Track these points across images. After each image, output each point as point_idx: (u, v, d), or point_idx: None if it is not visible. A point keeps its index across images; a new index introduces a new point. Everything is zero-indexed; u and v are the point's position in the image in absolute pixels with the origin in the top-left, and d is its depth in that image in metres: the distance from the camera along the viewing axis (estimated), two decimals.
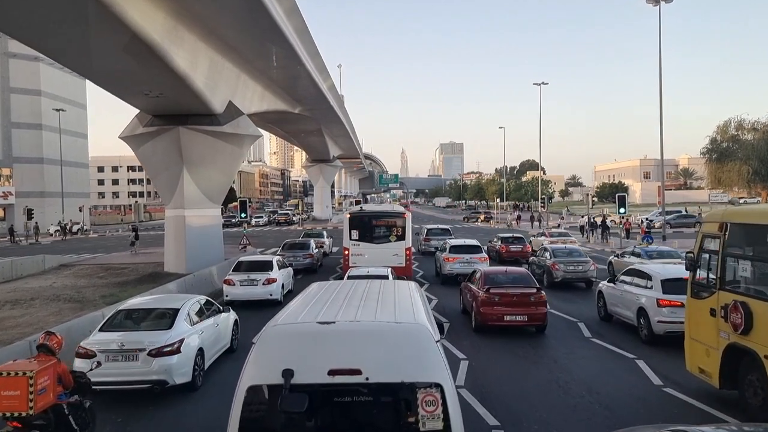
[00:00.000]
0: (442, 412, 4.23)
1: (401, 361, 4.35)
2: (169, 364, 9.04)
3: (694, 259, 9.06)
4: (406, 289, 6.34)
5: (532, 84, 61.46)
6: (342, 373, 4.26)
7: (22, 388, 5.85)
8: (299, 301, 5.79)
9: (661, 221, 52.73)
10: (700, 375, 8.95)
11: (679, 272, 12.18)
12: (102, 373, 8.18)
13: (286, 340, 4.58)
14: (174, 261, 25.13)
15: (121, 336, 9.30)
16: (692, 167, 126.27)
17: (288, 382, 4.17)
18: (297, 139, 72.31)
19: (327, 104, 46.50)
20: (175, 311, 9.94)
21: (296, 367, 4.25)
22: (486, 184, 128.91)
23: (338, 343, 4.45)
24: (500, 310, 13.34)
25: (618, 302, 13.93)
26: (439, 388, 4.27)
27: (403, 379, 4.28)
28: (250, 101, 29.63)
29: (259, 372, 4.37)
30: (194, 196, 24.81)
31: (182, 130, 23.80)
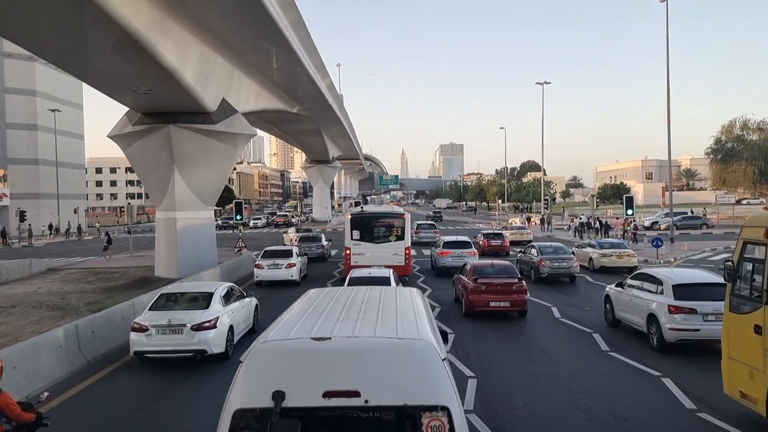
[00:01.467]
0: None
1: (404, 381, 3.90)
2: (208, 337, 11.06)
3: (734, 269, 8.10)
4: (409, 297, 5.89)
5: (534, 83, 60.42)
6: (339, 395, 3.84)
7: None
8: (293, 312, 5.32)
9: (668, 223, 51.87)
10: (742, 400, 7.96)
11: (692, 277, 12.61)
12: (154, 344, 10.84)
13: (277, 358, 4.07)
14: (165, 266, 24.08)
15: (168, 314, 11.28)
16: (695, 168, 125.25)
17: (279, 406, 3.76)
18: (296, 139, 71.30)
19: (325, 103, 45.45)
20: (210, 294, 11.98)
21: (288, 389, 3.82)
22: (487, 185, 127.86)
23: (334, 362, 3.98)
24: (486, 297, 15.13)
25: (627, 308, 13.57)
26: (446, 411, 3.86)
27: (407, 402, 3.85)
28: (245, 99, 28.59)
29: (247, 394, 3.92)
30: (186, 197, 23.77)
31: (173, 129, 22.77)
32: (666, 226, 50.96)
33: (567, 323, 15.00)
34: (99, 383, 10.53)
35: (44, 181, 68.94)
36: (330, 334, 4.29)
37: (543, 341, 13.17)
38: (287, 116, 47.72)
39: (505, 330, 14.28)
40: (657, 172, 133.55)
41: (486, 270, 16.11)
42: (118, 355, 12.07)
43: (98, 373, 10.97)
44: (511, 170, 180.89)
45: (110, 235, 35.36)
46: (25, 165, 67.65)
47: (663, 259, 28.11)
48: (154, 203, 25.15)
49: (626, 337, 13.38)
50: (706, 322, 11.37)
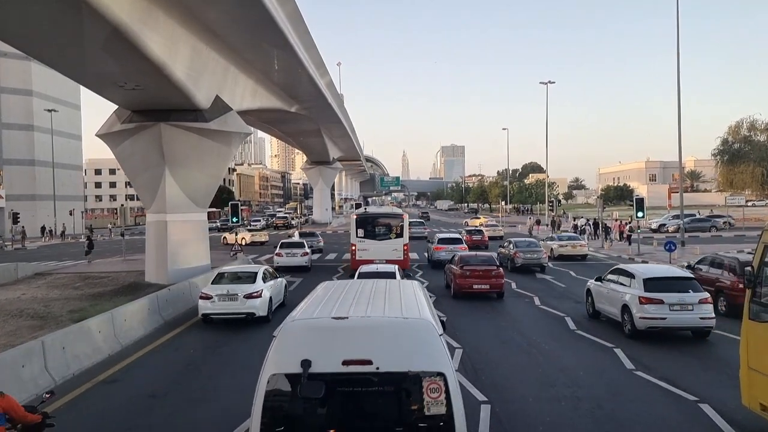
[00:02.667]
0: (445, 398, 4.62)
1: (408, 352, 4.72)
2: (255, 304, 14.98)
3: (754, 274, 7.73)
4: (411, 288, 6.76)
5: (539, 83, 59.38)
6: (355, 363, 4.62)
7: None
8: (313, 298, 6.22)
9: (676, 225, 50.63)
10: (762, 413, 7.55)
11: (661, 272, 14.25)
12: (216, 308, 14.94)
13: (304, 333, 4.95)
14: (155, 271, 22.96)
15: (226, 286, 15.24)
16: (699, 169, 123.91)
17: (306, 371, 4.52)
18: (295, 140, 70.20)
19: (325, 102, 44.36)
20: (255, 273, 16.03)
21: (313, 358, 4.60)
22: (489, 186, 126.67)
23: (351, 337, 4.83)
24: (471, 281, 18.48)
25: (604, 300, 14.94)
26: (442, 376, 4.65)
27: (410, 369, 4.65)
28: (241, 97, 27.48)
29: (280, 362, 4.71)
30: (177, 199, 22.65)
31: (164, 127, 21.67)
32: (674, 229, 49.78)
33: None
34: None
35: (41, 183, 67.91)
36: (347, 314, 5.16)
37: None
38: (286, 116, 46.66)
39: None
40: (661, 173, 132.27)
41: (471, 260, 19.68)
42: (86, 377, 10.94)
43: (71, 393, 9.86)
44: (513, 171, 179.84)
45: (92, 239, 34.08)
46: (22, 166, 66.63)
47: (676, 264, 26.96)
48: (144, 205, 24.01)
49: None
50: (672, 312, 12.70)
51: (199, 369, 11.61)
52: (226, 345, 13.45)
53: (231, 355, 12.55)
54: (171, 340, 14.19)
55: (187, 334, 14.79)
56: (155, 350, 13.17)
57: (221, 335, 14.37)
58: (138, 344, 13.41)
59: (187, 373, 11.40)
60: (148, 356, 12.67)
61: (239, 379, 10.37)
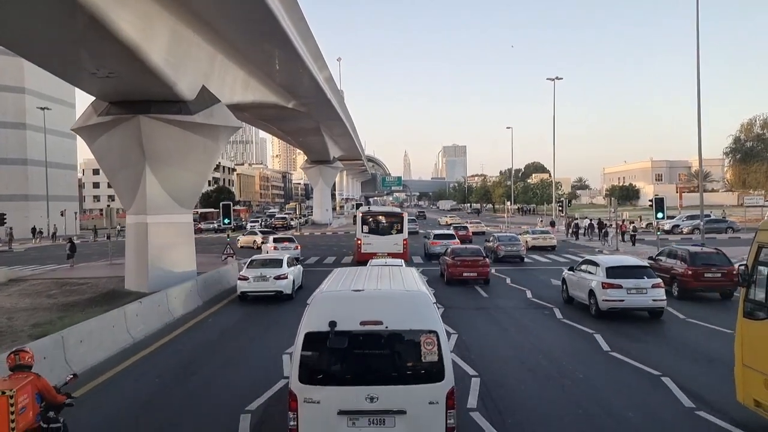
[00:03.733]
0: (437, 350, 6.13)
1: (409, 315, 6.31)
2: (283, 284, 18.53)
3: (749, 273, 7.95)
4: (409, 271, 8.59)
5: (546, 79, 57.27)
6: (369, 323, 6.15)
7: (2, 410, 5.38)
8: (333, 278, 7.95)
9: (690, 226, 48.55)
10: (757, 409, 7.72)
11: (621, 261, 16.50)
12: (252, 287, 18.57)
13: (331, 301, 6.67)
14: (135, 278, 20.99)
15: (259, 270, 18.75)
16: (707, 168, 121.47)
17: (333, 329, 6.06)
18: (295, 139, 68.20)
19: (324, 98, 42.34)
20: (281, 260, 19.70)
21: (338, 319, 6.11)
22: (492, 186, 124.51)
23: (366, 304, 6.46)
24: (461, 269, 21.30)
25: (576, 287, 17.02)
26: (434, 333, 6.18)
27: (411, 327, 6.23)
28: (231, 89, 25.52)
29: (313, 322, 6.23)
30: (159, 199, 20.68)
31: (143, 120, 19.71)
32: (689, 230, 47.71)
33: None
34: None
35: (33, 182, 66.04)
36: (363, 287, 6.95)
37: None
38: (284, 113, 44.69)
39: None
40: (667, 173, 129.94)
41: (461, 252, 22.67)
42: None
43: None
44: (515, 171, 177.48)
45: (73, 242, 32.10)
46: (13, 165, 64.78)
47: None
48: (123, 206, 22.04)
49: None
50: (629, 295, 14.79)
51: None
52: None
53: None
54: (132, 366, 11.77)
55: (157, 355, 12.83)
56: (112, 381, 10.92)
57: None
58: (95, 371, 11.35)
59: None
60: (99, 394, 10.17)
61: None
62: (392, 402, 6.03)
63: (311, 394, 6.05)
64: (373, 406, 6.00)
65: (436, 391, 6.08)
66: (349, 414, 6.02)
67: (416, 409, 6.04)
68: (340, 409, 6.02)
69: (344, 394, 6.06)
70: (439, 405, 6.05)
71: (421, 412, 6.04)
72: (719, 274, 17.75)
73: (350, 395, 6.03)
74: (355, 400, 6.01)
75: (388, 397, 6.03)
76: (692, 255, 18.45)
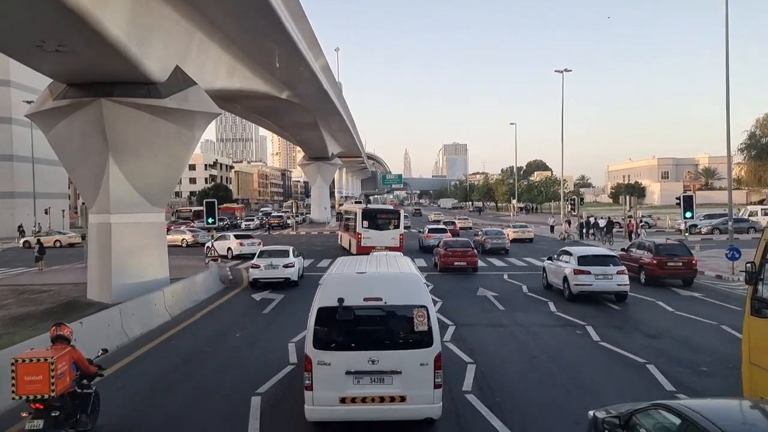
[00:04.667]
0: (426, 321, 7.40)
1: (404, 293, 7.61)
2: (291, 271, 20.91)
3: (756, 271, 7.78)
4: (404, 258, 10.11)
5: (554, 71, 54.31)
6: (371, 299, 7.44)
7: (44, 373, 6.54)
8: (338, 265, 9.24)
9: (708, 226, 45.83)
10: None
11: (591, 251, 18.72)
12: (263, 274, 20.73)
13: (339, 282, 7.93)
14: (97, 287, 18.29)
15: (268, 259, 21.08)
16: (714, 166, 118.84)
17: (341, 304, 7.32)
18: (292, 134, 65.44)
19: (320, 88, 39.60)
20: (287, 250, 22.10)
21: (345, 296, 7.38)
22: (495, 184, 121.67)
23: (368, 284, 7.76)
24: (452, 259, 24.12)
25: (553, 274, 18.96)
26: (425, 308, 7.47)
27: (405, 303, 7.49)
28: (213, 73, 22.81)
29: (324, 299, 7.48)
30: (124, 196, 17.98)
31: (105, 104, 17.00)
32: (708, 230, 45.02)
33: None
34: None
35: (20, 179, 63.37)
36: (365, 270, 8.32)
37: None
38: (278, 104, 42.01)
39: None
40: (673, 170, 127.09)
41: (453, 243, 25.39)
42: None
43: None
44: (517, 169, 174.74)
45: (42, 243, 29.38)
46: None
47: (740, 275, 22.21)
48: (86, 204, 19.35)
49: None
50: (597, 280, 16.85)
51: None
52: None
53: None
54: None
55: None
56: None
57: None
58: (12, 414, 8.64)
59: None
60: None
61: None
62: (390, 364, 7.26)
63: (323, 358, 7.25)
64: (374, 368, 7.23)
65: (426, 355, 7.31)
66: (354, 374, 7.25)
67: (409, 369, 7.27)
68: (347, 370, 7.23)
69: (350, 357, 7.26)
70: (428, 366, 7.30)
71: (414, 372, 7.26)
72: (680, 263, 20.20)
73: (355, 358, 7.24)
74: (359, 363, 7.23)
75: (386, 360, 7.26)
76: (657, 246, 20.96)
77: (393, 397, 7.27)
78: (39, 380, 6.55)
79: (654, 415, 5.17)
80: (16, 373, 6.60)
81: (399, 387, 7.25)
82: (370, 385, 7.24)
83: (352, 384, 7.23)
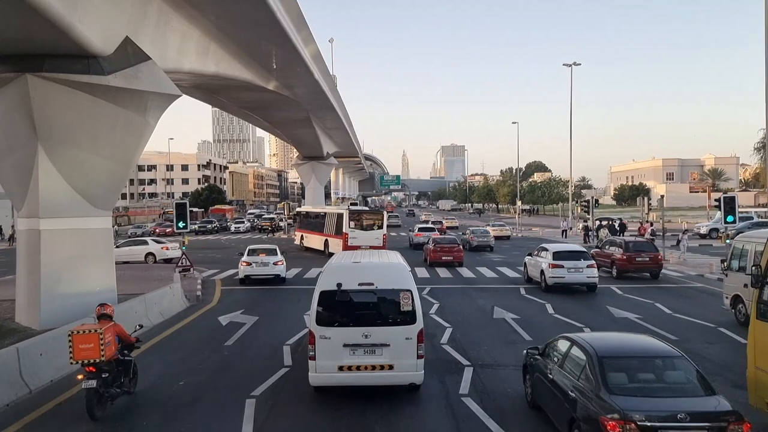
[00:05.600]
0: (411, 302, 8.73)
1: (392, 279, 9.01)
2: (280, 269, 21.97)
3: (762, 274, 7.70)
4: (393, 253, 11.68)
5: (562, 65, 51.31)
6: (364, 284, 8.81)
7: (95, 342, 8.08)
8: (336, 258, 10.69)
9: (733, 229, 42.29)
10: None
11: (564, 247, 21.16)
12: (254, 271, 21.68)
13: (338, 269, 9.40)
14: (26, 308, 14.76)
15: (258, 257, 22.02)
16: (720, 167, 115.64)
17: (339, 288, 8.67)
18: (284, 132, 61.92)
19: (311, 79, 36.11)
20: (275, 249, 22.96)
21: (343, 281, 8.74)
22: (496, 185, 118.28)
23: (362, 271, 9.16)
24: (440, 254, 27.32)
25: (532, 267, 21.43)
26: (410, 291, 8.82)
27: (393, 287, 8.88)
28: (179, 51, 19.33)
29: (325, 284, 8.85)
30: (59, 196, 14.47)
31: (33, 81, 13.53)
32: (734, 233, 41.52)
33: None
34: None
35: None
36: (360, 261, 9.83)
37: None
38: (266, 98, 38.61)
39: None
40: (679, 171, 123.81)
41: (440, 240, 28.66)
42: None
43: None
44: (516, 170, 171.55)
45: None
46: None
47: None
48: (15, 206, 15.85)
49: None
50: (569, 273, 19.24)
51: None
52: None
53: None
54: None
55: None
56: None
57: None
58: None
59: None
60: None
61: None
62: (380, 338, 8.67)
63: (324, 332, 8.65)
64: (367, 341, 8.65)
65: (410, 330, 8.71)
66: (350, 346, 8.65)
67: (396, 342, 8.67)
68: (344, 343, 8.64)
69: (347, 332, 8.67)
70: (412, 340, 8.69)
71: (400, 344, 8.66)
72: (647, 258, 22.40)
73: (351, 333, 8.66)
74: (354, 337, 8.65)
75: (377, 334, 8.68)
76: (627, 243, 23.35)
77: (383, 366, 8.60)
78: (91, 348, 8.03)
79: (558, 343, 8.12)
80: (72, 343, 8.08)
81: (388, 357, 8.62)
82: (363, 355, 8.61)
83: (348, 355, 8.59)
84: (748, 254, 13.33)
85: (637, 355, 7.09)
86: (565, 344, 7.79)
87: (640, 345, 7.56)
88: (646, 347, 7.36)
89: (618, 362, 6.78)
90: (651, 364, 6.90)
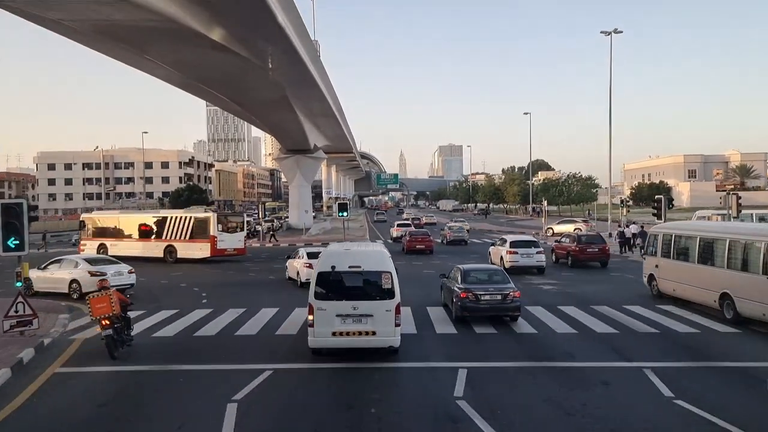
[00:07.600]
0: (390, 281, 10.84)
1: (376, 262, 11.23)
2: (134, 276, 20.46)
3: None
4: (377, 244, 15.47)
5: (599, 32, 41.63)
6: (354, 267, 10.96)
7: (107, 302, 11.26)
8: (331, 247, 13.63)
9: None
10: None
11: (519, 238, 26.02)
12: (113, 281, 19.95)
13: (332, 254, 11.70)
14: None
15: (101, 266, 19.42)
16: (747, 163, 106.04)
17: (334, 269, 10.86)
18: (262, 119, 51.30)
19: (276, 29, 25.80)
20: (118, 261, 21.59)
21: (337, 264, 10.95)
22: (504, 184, 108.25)
23: (352, 256, 11.43)
24: (414, 243, 33.37)
25: (494, 255, 25.49)
26: (389, 272, 10.94)
27: (376, 269, 11.05)
28: None
29: (321, 266, 11.02)
30: None
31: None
32: None
33: None
34: None
35: None
36: (350, 248, 12.83)
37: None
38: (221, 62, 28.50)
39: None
40: (702, 169, 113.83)
41: (415, 233, 35.44)
42: None
43: None
44: (519, 169, 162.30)
45: None
46: None
47: None
48: None
49: None
50: (522, 257, 23.42)
51: None
52: None
53: None
54: None
55: None
56: None
57: None
58: None
59: None
60: None
61: None
62: (366, 310, 10.73)
63: (321, 305, 10.70)
64: (355, 312, 10.70)
65: (390, 304, 10.75)
66: (342, 316, 10.68)
67: (379, 313, 10.71)
68: (337, 313, 10.67)
69: (339, 305, 10.72)
70: (391, 312, 10.73)
71: (381, 315, 10.70)
72: (597, 249, 25.75)
73: (342, 306, 10.71)
74: (345, 309, 10.69)
75: (364, 307, 10.74)
76: (578, 237, 27.68)
77: (368, 332, 10.81)
78: (104, 306, 11.23)
79: (453, 270, 16.06)
80: (90, 305, 11.33)
81: (371, 325, 10.80)
82: (352, 323, 10.79)
83: (340, 323, 10.77)
84: (658, 242, 17.40)
85: (481, 270, 15.63)
86: (455, 269, 15.46)
87: (486, 267, 17.41)
88: (488, 268, 16.56)
89: (472, 273, 14.90)
90: (486, 273, 15.08)
